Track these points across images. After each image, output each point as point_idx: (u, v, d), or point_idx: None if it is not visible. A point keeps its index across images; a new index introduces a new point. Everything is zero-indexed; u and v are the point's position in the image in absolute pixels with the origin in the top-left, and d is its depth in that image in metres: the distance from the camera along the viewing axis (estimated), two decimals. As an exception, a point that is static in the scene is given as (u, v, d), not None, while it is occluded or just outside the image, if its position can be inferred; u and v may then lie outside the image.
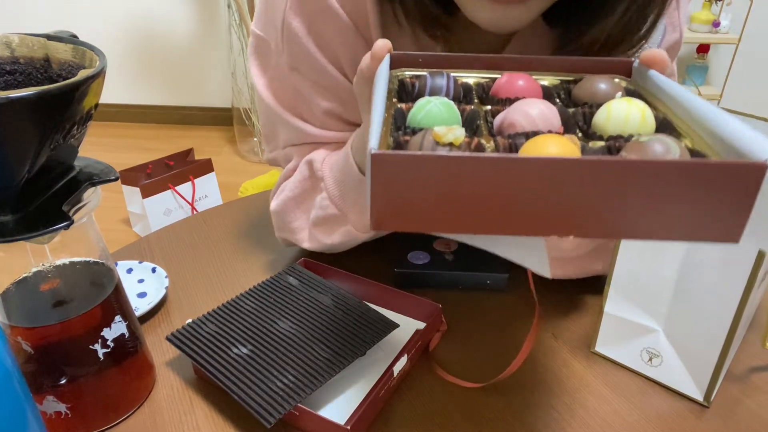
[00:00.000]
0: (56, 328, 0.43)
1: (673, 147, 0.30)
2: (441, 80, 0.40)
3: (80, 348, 0.45)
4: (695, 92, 2.55)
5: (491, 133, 0.36)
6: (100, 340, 0.45)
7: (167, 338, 0.52)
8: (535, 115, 0.35)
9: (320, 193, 0.60)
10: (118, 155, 2.62)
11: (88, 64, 0.39)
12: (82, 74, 0.36)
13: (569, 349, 0.57)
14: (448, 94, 0.40)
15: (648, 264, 0.50)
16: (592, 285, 0.63)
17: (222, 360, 0.49)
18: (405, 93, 0.41)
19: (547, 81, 0.43)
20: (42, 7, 2.76)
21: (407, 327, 0.56)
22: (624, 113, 0.34)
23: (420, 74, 0.42)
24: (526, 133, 0.34)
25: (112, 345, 0.46)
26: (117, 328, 0.46)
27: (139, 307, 0.60)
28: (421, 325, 0.56)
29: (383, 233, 0.66)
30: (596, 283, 0.59)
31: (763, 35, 2.55)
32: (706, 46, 2.64)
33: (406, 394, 0.52)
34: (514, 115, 0.35)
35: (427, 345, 0.56)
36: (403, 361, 0.51)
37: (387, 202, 0.29)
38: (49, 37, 0.41)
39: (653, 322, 0.52)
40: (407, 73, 0.43)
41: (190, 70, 2.91)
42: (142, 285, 0.64)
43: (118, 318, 0.47)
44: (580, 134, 0.36)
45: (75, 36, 0.42)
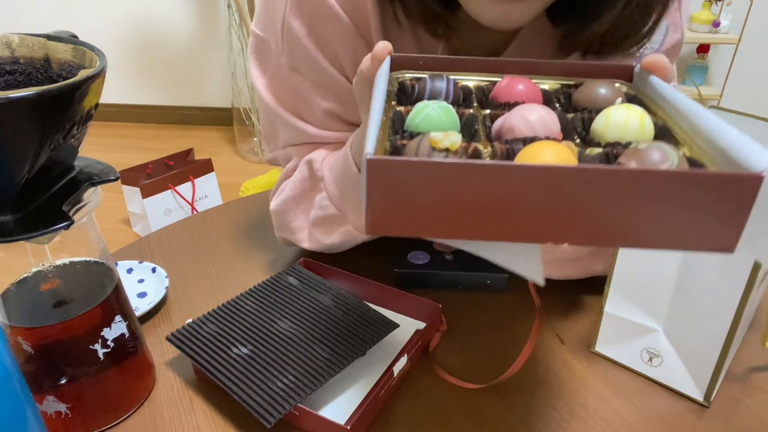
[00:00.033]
0: (56, 328, 0.43)
1: (671, 155, 0.30)
2: (441, 83, 0.39)
3: (80, 348, 0.45)
4: (695, 92, 2.55)
5: (489, 138, 0.36)
6: (100, 340, 0.45)
7: (167, 338, 0.52)
8: (534, 120, 0.35)
9: (320, 192, 0.60)
10: (118, 155, 2.62)
11: (88, 64, 0.39)
12: (82, 74, 0.36)
13: (569, 349, 0.57)
14: (447, 97, 0.40)
15: (648, 264, 0.50)
16: (592, 285, 0.63)
17: (222, 360, 0.49)
18: (405, 95, 0.41)
19: (548, 85, 0.43)
20: (42, 7, 2.76)
21: (407, 327, 0.56)
22: (623, 120, 0.34)
23: (420, 77, 0.42)
24: (524, 139, 0.34)
25: (112, 345, 0.46)
26: (117, 328, 0.46)
27: (139, 307, 0.60)
28: (421, 325, 0.56)
29: (383, 233, 0.66)
30: (596, 284, 0.59)
31: (763, 35, 2.55)
32: (706, 46, 2.64)
33: (406, 394, 0.52)
34: (512, 120, 0.35)
35: (427, 345, 0.56)
36: (403, 361, 0.51)
37: (382, 207, 0.29)
38: (49, 37, 0.41)
39: (653, 322, 0.52)
40: (407, 76, 0.43)
41: (190, 70, 2.91)
42: (142, 285, 0.64)
43: (118, 318, 0.47)
44: (578, 140, 0.36)
45: (75, 36, 0.42)
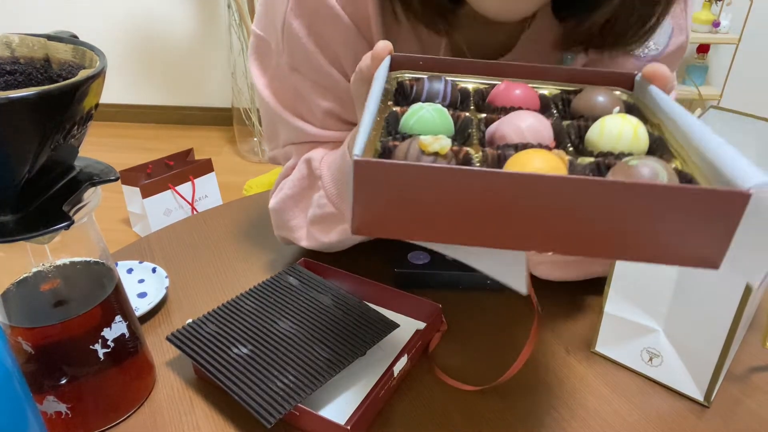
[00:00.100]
0: (56, 328, 0.43)
1: (661, 173, 0.29)
2: (438, 85, 0.39)
3: (80, 348, 0.45)
4: (695, 92, 2.54)
5: (482, 143, 0.36)
6: (100, 340, 0.45)
7: (167, 338, 0.52)
8: (525, 128, 0.35)
9: (318, 191, 0.60)
10: (118, 155, 2.62)
11: (88, 64, 0.39)
12: (82, 74, 0.36)
13: (569, 349, 0.57)
14: (444, 99, 0.39)
15: (648, 264, 0.50)
16: (592, 285, 0.63)
17: (222, 360, 0.49)
18: (402, 96, 0.41)
19: (548, 90, 0.43)
20: (42, 7, 2.76)
21: (407, 327, 0.56)
22: (617, 130, 0.34)
23: (419, 77, 0.42)
24: (515, 145, 0.34)
25: (112, 345, 0.46)
26: (117, 328, 0.46)
27: (140, 307, 0.60)
28: (421, 325, 0.56)
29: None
30: (596, 283, 0.59)
31: (763, 35, 2.55)
32: (706, 46, 2.64)
33: (406, 394, 0.52)
34: (504, 128, 0.35)
35: (427, 345, 0.56)
36: (404, 361, 0.51)
37: (368, 208, 0.29)
38: (50, 38, 0.41)
39: (653, 322, 0.52)
40: (407, 76, 0.43)
41: (190, 70, 2.91)
42: (143, 285, 0.64)
43: (118, 318, 0.47)
44: (571, 148, 0.36)
45: (75, 36, 0.42)
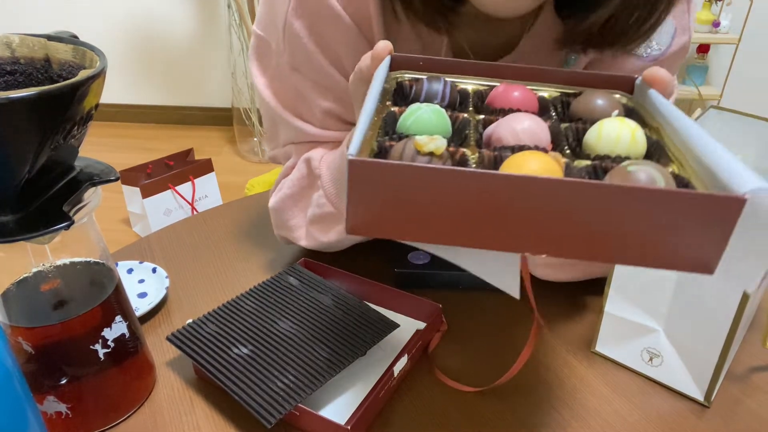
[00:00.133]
0: (57, 328, 0.43)
1: (658, 179, 0.29)
2: (438, 85, 0.39)
3: (81, 348, 0.45)
4: (695, 92, 2.53)
5: (479, 144, 0.36)
6: (100, 340, 0.45)
7: (167, 338, 0.52)
8: (521, 130, 0.34)
9: (317, 191, 0.60)
10: (118, 155, 2.62)
11: (88, 65, 0.39)
12: (82, 74, 0.36)
13: (569, 349, 0.57)
14: (443, 100, 0.39)
15: (648, 264, 0.50)
16: (592, 285, 0.63)
17: (222, 360, 0.49)
18: (401, 96, 0.41)
19: (547, 93, 0.43)
20: (42, 7, 2.76)
21: (407, 327, 0.56)
22: (615, 133, 0.34)
23: (419, 78, 0.42)
24: (512, 147, 0.34)
25: (112, 345, 0.46)
26: (117, 329, 0.46)
27: (140, 307, 0.60)
28: (421, 325, 0.56)
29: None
30: (596, 284, 0.59)
31: (763, 35, 2.55)
32: (706, 46, 2.64)
33: (406, 394, 0.52)
34: (501, 131, 0.35)
35: (427, 345, 0.56)
36: (404, 361, 0.51)
37: (363, 208, 0.29)
38: (50, 38, 0.41)
39: (653, 322, 0.52)
40: (407, 76, 0.43)
41: (190, 70, 2.91)
42: (143, 285, 0.64)
43: (118, 318, 0.47)
44: (568, 151, 0.36)
45: (75, 36, 0.42)
